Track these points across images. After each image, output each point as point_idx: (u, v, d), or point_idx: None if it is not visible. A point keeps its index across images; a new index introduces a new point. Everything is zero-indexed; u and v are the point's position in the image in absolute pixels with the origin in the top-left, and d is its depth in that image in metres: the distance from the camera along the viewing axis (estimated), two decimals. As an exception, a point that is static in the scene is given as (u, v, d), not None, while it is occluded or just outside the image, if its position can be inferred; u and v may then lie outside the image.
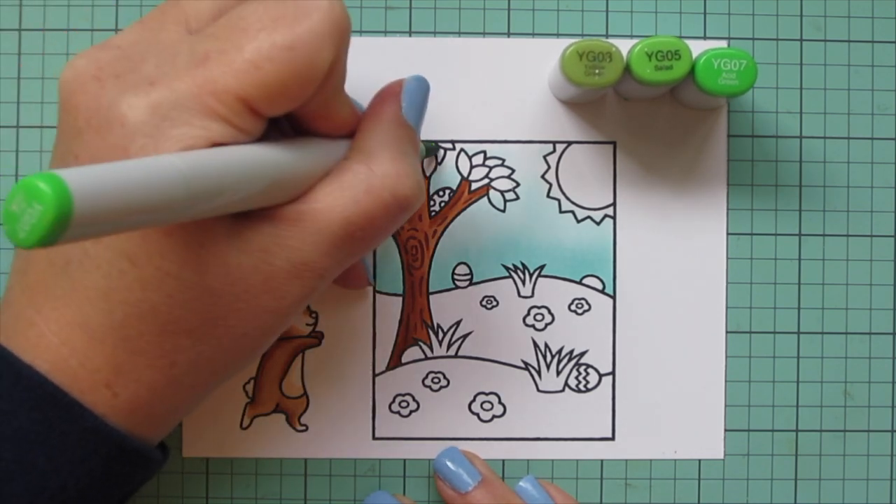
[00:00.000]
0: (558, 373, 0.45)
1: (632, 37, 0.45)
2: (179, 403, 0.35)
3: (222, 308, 0.32)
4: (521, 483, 0.44)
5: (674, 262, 0.45)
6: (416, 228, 0.45)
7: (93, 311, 0.32)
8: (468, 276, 0.45)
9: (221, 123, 0.30)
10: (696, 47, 0.44)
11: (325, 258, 0.33)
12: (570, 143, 0.45)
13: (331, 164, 0.34)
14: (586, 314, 0.45)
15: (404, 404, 0.45)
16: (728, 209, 0.45)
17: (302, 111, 0.33)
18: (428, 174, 0.45)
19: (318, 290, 0.34)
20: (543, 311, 0.45)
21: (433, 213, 0.45)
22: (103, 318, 0.32)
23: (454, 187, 0.45)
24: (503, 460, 0.45)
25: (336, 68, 0.32)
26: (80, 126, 0.31)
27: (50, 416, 0.32)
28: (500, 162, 0.45)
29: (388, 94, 0.37)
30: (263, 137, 0.33)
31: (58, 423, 0.32)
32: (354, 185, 0.33)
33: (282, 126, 0.36)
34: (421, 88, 0.38)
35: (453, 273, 0.45)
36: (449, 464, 0.44)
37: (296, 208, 0.33)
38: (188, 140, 0.30)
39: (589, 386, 0.45)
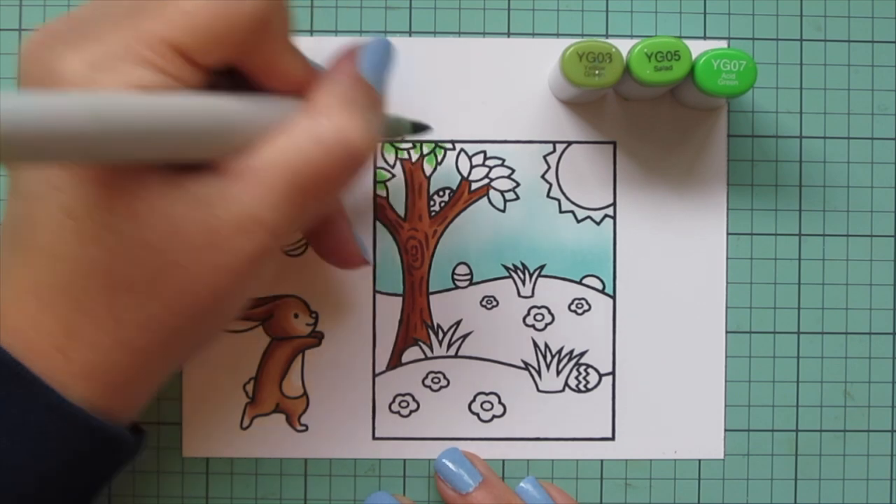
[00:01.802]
0: (558, 373, 0.45)
1: (632, 37, 0.45)
2: (138, 371, 0.34)
3: (164, 262, 0.32)
4: (521, 484, 0.44)
5: (674, 262, 0.45)
6: (417, 228, 0.45)
7: (42, 272, 0.32)
8: (468, 276, 0.45)
9: (154, 71, 0.30)
10: (696, 47, 0.44)
11: (273, 212, 0.32)
12: (570, 143, 0.45)
13: (283, 122, 0.34)
14: (586, 314, 0.45)
15: (404, 404, 0.45)
16: (728, 209, 0.45)
17: (247, 65, 0.33)
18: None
19: (272, 248, 0.33)
20: (543, 311, 0.45)
21: (433, 213, 0.45)
22: (50, 278, 0.32)
23: (454, 187, 0.45)
24: (503, 460, 0.45)
25: (272, 18, 0.32)
26: (28, 89, 0.31)
27: (10, 390, 0.31)
28: (500, 162, 0.45)
29: (345, 53, 0.36)
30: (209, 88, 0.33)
31: (18, 398, 0.32)
32: (300, 137, 0.33)
33: (234, 84, 0.35)
34: (381, 48, 0.37)
35: (453, 273, 0.45)
36: (450, 464, 0.44)
37: (241, 161, 0.32)
38: (116, 86, 0.30)
39: (589, 386, 0.45)
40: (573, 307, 0.45)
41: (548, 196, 0.45)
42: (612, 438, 0.45)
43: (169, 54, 0.31)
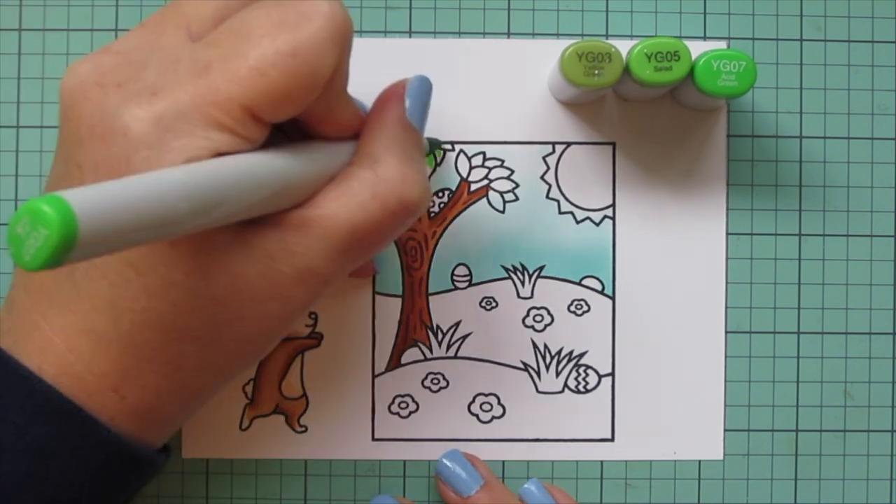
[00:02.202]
0: (558, 374, 0.45)
1: (632, 37, 0.45)
2: (184, 406, 0.35)
3: (228, 315, 0.32)
4: (525, 486, 0.44)
5: (673, 263, 0.45)
6: (416, 229, 0.45)
7: (98, 318, 0.32)
8: (467, 277, 0.45)
9: (225, 133, 0.30)
10: (696, 48, 0.44)
11: (330, 264, 0.33)
12: (569, 144, 0.45)
13: (335, 168, 0.34)
14: (586, 315, 0.45)
15: (404, 405, 0.45)
16: (728, 209, 0.45)
17: (305, 115, 0.33)
18: (427, 174, 0.45)
19: (323, 294, 0.34)
20: (543, 311, 0.45)
21: (432, 214, 0.45)
22: (109, 326, 0.32)
23: (453, 188, 0.45)
24: (503, 461, 0.45)
25: (339, 72, 0.32)
26: (82, 135, 0.31)
27: (63, 429, 0.32)
28: (499, 163, 0.45)
29: (392, 96, 0.36)
30: (266, 142, 0.32)
31: (70, 436, 0.32)
32: (360, 191, 0.33)
33: (285, 129, 0.35)
34: (424, 88, 0.37)
35: (453, 274, 0.45)
36: (451, 466, 0.44)
37: (301, 214, 0.32)
38: (191, 151, 0.30)
39: (588, 387, 0.45)
40: (572, 308, 0.45)
41: (547, 197, 0.45)
42: (612, 439, 0.45)
43: (241, 116, 0.30)
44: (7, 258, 0.44)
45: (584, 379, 0.45)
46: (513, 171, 0.45)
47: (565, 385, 0.45)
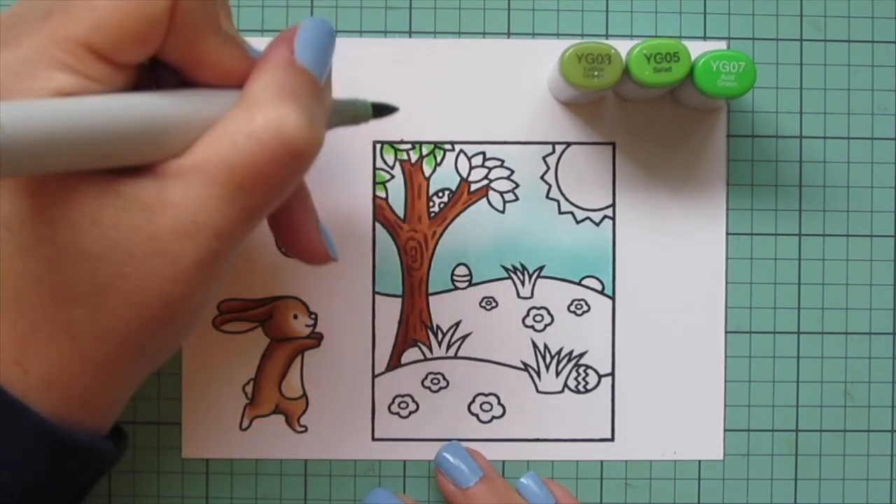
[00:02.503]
0: (557, 374, 0.45)
1: (632, 37, 0.45)
2: (99, 383, 0.33)
3: (107, 273, 0.31)
4: (522, 480, 0.44)
5: (673, 263, 0.45)
6: (416, 229, 0.45)
7: None
8: (467, 277, 0.45)
9: (69, 73, 0.29)
10: (696, 48, 0.44)
11: (215, 214, 0.31)
12: (569, 144, 0.45)
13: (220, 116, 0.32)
14: (585, 315, 0.45)
15: (404, 405, 0.45)
16: (728, 209, 0.45)
17: (173, 57, 0.32)
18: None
19: (222, 252, 0.32)
20: (543, 311, 0.45)
21: (432, 214, 0.45)
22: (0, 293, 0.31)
23: (453, 188, 0.45)
24: (503, 461, 0.45)
25: (192, 8, 0.31)
26: None
27: None
28: (499, 163, 0.45)
29: (280, 39, 0.34)
30: (137, 89, 0.31)
31: None
32: (234, 131, 0.31)
33: (172, 78, 0.34)
34: (319, 30, 0.35)
35: (452, 274, 0.45)
36: (450, 458, 0.44)
37: (177, 163, 0.31)
38: (35, 93, 0.29)
39: (588, 387, 0.45)
40: (572, 308, 0.45)
41: (547, 197, 0.45)
42: (612, 439, 0.45)
43: (84, 55, 0.29)
44: None
45: (584, 379, 0.45)
46: (513, 171, 0.45)
47: (565, 385, 0.45)
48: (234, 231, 0.32)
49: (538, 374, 0.45)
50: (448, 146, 0.45)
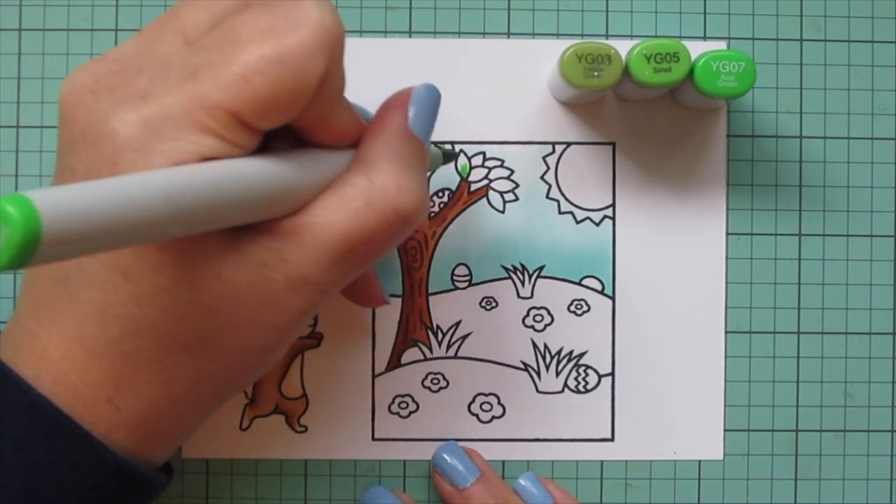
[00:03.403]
0: (557, 374, 0.45)
1: (632, 37, 0.45)
2: (182, 421, 0.34)
3: (219, 324, 0.32)
4: (520, 480, 0.44)
5: (673, 263, 0.45)
6: (416, 230, 0.45)
7: (90, 325, 0.31)
8: (467, 277, 0.45)
9: (212, 138, 0.30)
10: (696, 48, 0.44)
11: (324, 273, 0.32)
12: (569, 144, 0.45)
13: (333, 176, 0.34)
14: (585, 315, 0.45)
15: (404, 405, 0.45)
16: (728, 209, 0.45)
17: (299, 122, 0.33)
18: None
19: (321, 304, 0.33)
20: (543, 311, 0.45)
21: (432, 214, 0.45)
22: (100, 333, 0.31)
23: (453, 188, 0.45)
24: (503, 461, 0.45)
25: (330, 79, 0.31)
26: (75, 140, 0.31)
27: (61, 446, 0.32)
28: (499, 163, 0.45)
29: (395, 104, 0.36)
30: (261, 149, 0.32)
31: (68, 453, 0.32)
32: (354, 198, 0.32)
33: (285, 136, 0.35)
34: (430, 97, 0.36)
35: (452, 274, 0.45)
36: (448, 458, 0.44)
37: (294, 221, 0.32)
38: (178, 155, 0.29)
39: (588, 387, 0.45)
40: (572, 308, 0.45)
41: (547, 197, 0.45)
42: (612, 439, 0.45)
43: (228, 121, 0.30)
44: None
45: (583, 379, 0.45)
46: (513, 171, 0.45)
47: (565, 385, 0.45)
48: (337, 286, 0.33)
49: (538, 374, 0.45)
50: (448, 146, 0.45)
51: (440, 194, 0.45)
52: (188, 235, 0.30)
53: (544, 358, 0.45)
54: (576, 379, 0.45)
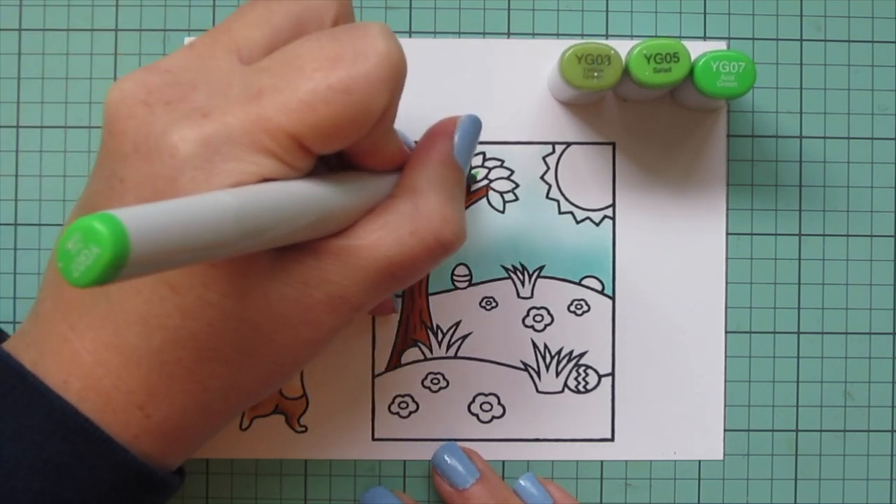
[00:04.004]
0: (557, 374, 0.45)
1: (632, 37, 0.45)
2: (208, 428, 0.35)
3: (260, 339, 0.32)
4: (520, 481, 0.44)
5: (673, 263, 0.45)
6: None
7: (130, 334, 0.32)
8: (467, 277, 0.45)
9: (272, 160, 0.30)
10: (696, 48, 0.44)
11: (362, 294, 0.33)
12: (569, 144, 0.45)
13: (376, 200, 0.34)
14: (586, 315, 0.45)
15: (404, 405, 0.45)
16: (728, 209, 0.45)
17: (351, 148, 0.33)
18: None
19: (351, 321, 0.34)
20: (543, 311, 0.45)
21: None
22: (140, 342, 0.32)
23: (453, 188, 0.45)
24: (503, 461, 0.45)
25: (389, 111, 0.32)
26: (126, 151, 0.31)
27: (80, 448, 0.32)
28: (499, 163, 0.45)
29: (441, 133, 0.36)
30: (311, 171, 0.32)
31: (87, 455, 0.32)
32: (400, 226, 0.33)
33: (329, 158, 0.35)
34: (474, 129, 0.37)
35: (452, 274, 0.45)
36: (447, 459, 0.44)
37: (340, 243, 0.32)
38: (239, 175, 0.29)
39: (588, 387, 0.45)
40: (572, 308, 0.45)
41: (547, 197, 0.45)
42: (612, 439, 0.45)
43: (289, 145, 0.30)
44: (7, 258, 0.44)
45: (584, 379, 0.45)
46: (513, 171, 0.45)
47: (565, 385, 0.45)
48: (371, 305, 0.34)
49: (538, 374, 0.45)
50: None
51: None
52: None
53: (544, 358, 0.45)
54: (576, 379, 0.45)
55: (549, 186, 0.45)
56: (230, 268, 0.31)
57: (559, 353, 0.45)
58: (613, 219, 0.45)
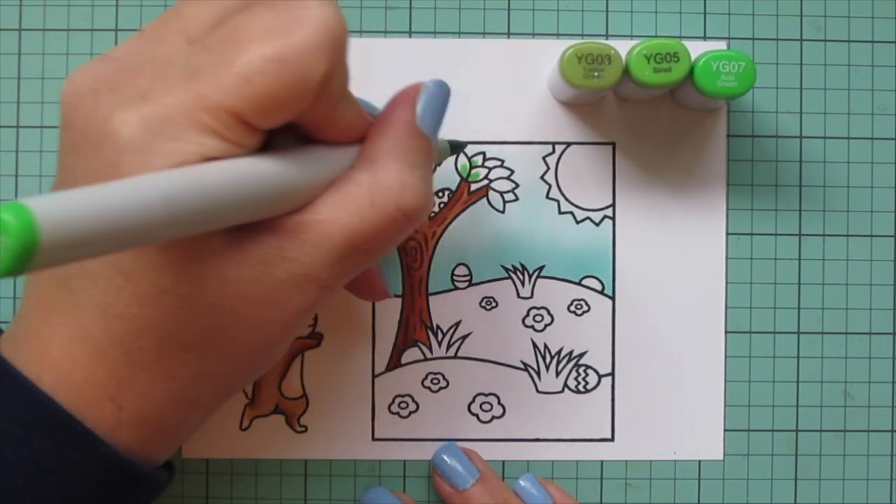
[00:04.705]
0: (557, 374, 0.45)
1: (632, 37, 0.45)
2: (184, 419, 0.34)
3: (222, 322, 0.32)
4: (520, 481, 0.44)
5: (673, 263, 0.45)
6: (416, 230, 0.45)
7: (93, 325, 0.31)
8: (467, 277, 0.45)
9: (214, 138, 0.29)
10: (696, 48, 0.44)
11: (327, 270, 0.32)
12: (569, 144, 0.45)
13: (339, 172, 0.33)
14: (585, 315, 0.45)
15: (404, 405, 0.45)
16: (728, 209, 0.45)
17: (303, 119, 0.32)
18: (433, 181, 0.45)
19: (323, 300, 0.33)
20: (543, 311, 0.45)
21: (432, 214, 0.45)
22: (102, 333, 0.31)
23: (453, 188, 0.45)
24: (503, 461, 0.45)
25: (333, 77, 0.31)
26: (77, 141, 0.31)
27: (62, 443, 0.31)
28: (499, 163, 0.45)
29: (403, 100, 0.35)
30: (265, 146, 0.32)
31: (70, 451, 0.32)
32: (358, 197, 0.32)
33: (289, 132, 0.34)
34: (440, 93, 0.36)
35: (452, 274, 0.45)
36: (447, 460, 0.44)
37: (298, 219, 0.32)
38: (181, 156, 0.29)
39: (588, 387, 0.45)
40: (572, 308, 0.45)
41: (547, 197, 0.45)
42: (612, 439, 0.45)
43: (229, 121, 0.29)
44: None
45: (584, 379, 0.45)
46: (513, 171, 0.45)
47: (565, 385, 0.45)
48: (340, 282, 0.33)
49: (538, 374, 0.45)
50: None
51: (440, 194, 0.45)
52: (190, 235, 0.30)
53: (544, 358, 0.45)
54: (576, 379, 0.45)
55: (549, 186, 0.45)
56: (182, 252, 0.30)
57: (559, 353, 0.45)
58: (613, 219, 0.45)
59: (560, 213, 0.45)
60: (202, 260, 0.31)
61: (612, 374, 0.45)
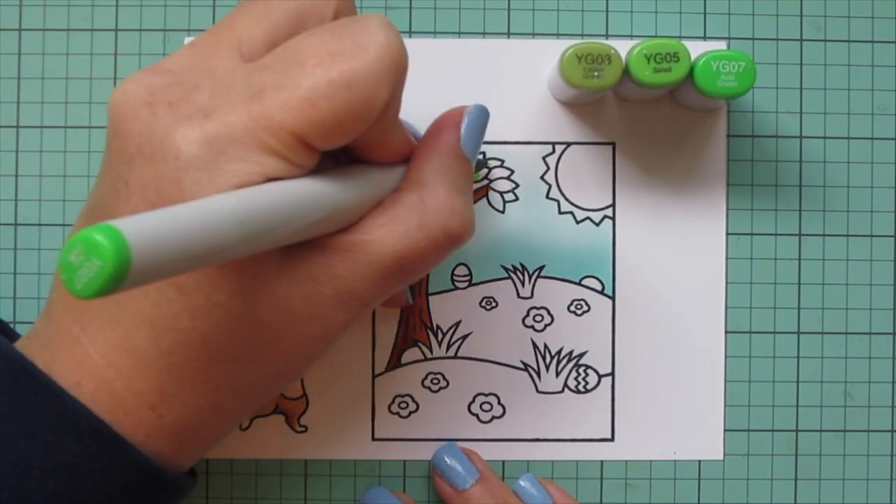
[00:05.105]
0: (557, 374, 0.45)
1: (632, 37, 0.45)
2: (220, 428, 0.35)
3: (268, 336, 0.32)
4: (520, 481, 0.44)
5: (673, 263, 0.45)
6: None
7: (140, 336, 0.31)
8: (467, 277, 0.45)
9: (276, 158, 0.30)
10: (696, 48, 0.44)
11: (372, 288, 0.33)
12: (569, 144, 0.45)
13: (383, 193, 0.34)
14: (585, 315, 0.45)
15: (404, 405, 0.45)
16: (728, 209, 0.45)
17: (356, 142, 0.33)
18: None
19: (361, 316, 0.34)
20: (543, 311, 0.45)
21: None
22: (150, 344, 0.31)
23: (453, 188, 0.45)
24: (503, 461, 0.45)
25: (392, 103, 0.32)
26: (130, 153, 0.31)
27: (92, 448, 0.32)
28: (499, 163, 0.45)
29: (447, 123, 0.36)
30: (316, 167, 0.32)
31: (100, 456, 0.32)
32: (407, 220, 0.33)
33: (335, 152, 0.35)
34: (481, 119, 0.37)
35: (452, 274, 0.45)
36: (447, 460, 0.44)
37: (347, 238, 0.32)
38: (243, 175, 0.29)
39: (588, 387, 0.45)
40: (572, 308, 0.45)
41: (547, 197, 0.45)
42: (612, 439, 0.45)
43: (292, 143, 0.30)
44: (7, 258, 0.44)
45: (584, 379, 0.45)
46: (513, 171, 0.45)
47: (565, 385, 0.45)
48: (380, 299, 0.34)
49: (538, 374, 0.45)
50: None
51: (440, 194, 0.45)
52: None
53: (544, 358, 0.45)
54: (576, 379, 0.45)
55: (549, 186, 0.45)
56: (238, 268, 0.31)
57: (559, 353, 0.45)
58: (613, 219, 0.45)
59: (560, 213, 0.45)
60: (256, 276, 0.31)
61: (612, 374, 0.45)
